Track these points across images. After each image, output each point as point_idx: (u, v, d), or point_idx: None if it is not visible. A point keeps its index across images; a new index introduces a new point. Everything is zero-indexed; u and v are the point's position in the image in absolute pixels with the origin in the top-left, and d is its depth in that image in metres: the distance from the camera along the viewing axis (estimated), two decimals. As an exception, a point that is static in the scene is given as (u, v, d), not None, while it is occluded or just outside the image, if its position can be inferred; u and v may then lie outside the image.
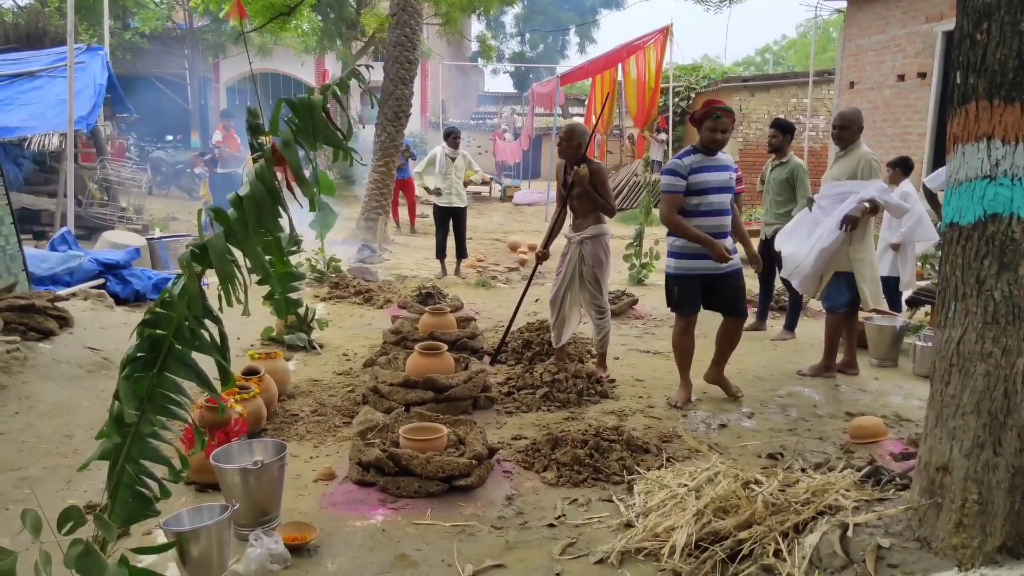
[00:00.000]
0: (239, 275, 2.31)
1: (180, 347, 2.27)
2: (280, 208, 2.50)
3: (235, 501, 2.81)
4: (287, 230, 3.30)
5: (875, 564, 2.39)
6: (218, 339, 2.30)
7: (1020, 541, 2.35)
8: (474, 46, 28.80)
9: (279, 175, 2.46)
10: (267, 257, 3.10)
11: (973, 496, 2.37)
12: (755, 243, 7.32)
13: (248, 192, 2.29)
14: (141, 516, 2.28)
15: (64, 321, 5.19)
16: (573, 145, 5.00)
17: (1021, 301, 2.37)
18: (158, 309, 2.26)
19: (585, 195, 4.98)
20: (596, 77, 15.91)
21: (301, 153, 2.43)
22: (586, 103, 18.17)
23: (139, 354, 2.25)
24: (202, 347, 2.30)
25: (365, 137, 16.52)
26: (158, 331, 2.26)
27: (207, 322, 2.29)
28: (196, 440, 2.37)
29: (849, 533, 2.55)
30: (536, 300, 6.74)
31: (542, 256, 5.29)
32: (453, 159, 9.10)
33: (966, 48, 2.51)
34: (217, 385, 2.31)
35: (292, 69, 22.19)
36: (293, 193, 2.51)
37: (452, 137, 9.28)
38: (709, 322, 5.07)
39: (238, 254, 2.32)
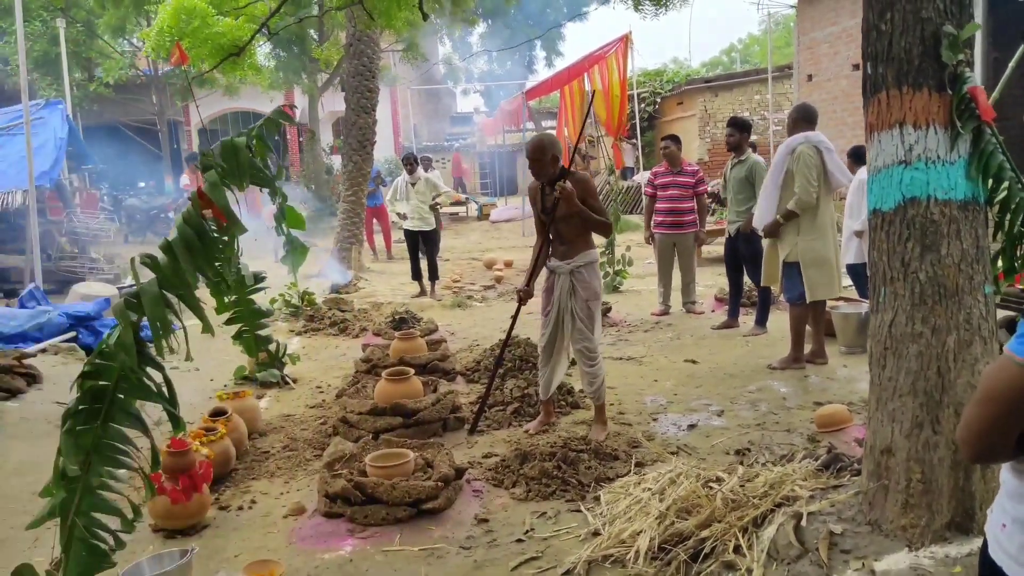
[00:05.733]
0: (178, 321, 2.33)
1: (123, 397, 2.28)
2: (224, 247, 2.54)
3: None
4: (244, 270, 3.33)
5: (828, 551, 2.42)
6: (164, 387, 2.31)
7: (968, 517, 2.38)
8: (442, 68, 28.90)
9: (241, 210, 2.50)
10: (215, 298, 3.12)
11: (916, 476, 2.40)
12: (721, 241, 7.41)
13: (177, 236, 2.32)
14: (96, 569, 2.28)
15: (32, 378, 5.18)
16: (547, 160, 4.14)
17: (946, 280, 2.42)
18: (97, 360, 2.28)
19: (572, 216, 4.13)
20: (564, 88, 16.00)
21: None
22: (557, 115, 18.27)
23: (81, 407, 2.26)
24: (147, 396, 2.31)
25: (336, 166, 16.54)
26: (100, 382, 2.27)
27: (150, 370, 2.30)
28: (146, 487, 2.37)
29: (803, 522, 2.58)
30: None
31: (525, 295, 4.43)
32: (413, 184, 9.32)
33: (873, 39, 2.58)
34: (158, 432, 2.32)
35: (261, 106, 22.21)
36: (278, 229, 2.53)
37: (408, 163, 9.59)
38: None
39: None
